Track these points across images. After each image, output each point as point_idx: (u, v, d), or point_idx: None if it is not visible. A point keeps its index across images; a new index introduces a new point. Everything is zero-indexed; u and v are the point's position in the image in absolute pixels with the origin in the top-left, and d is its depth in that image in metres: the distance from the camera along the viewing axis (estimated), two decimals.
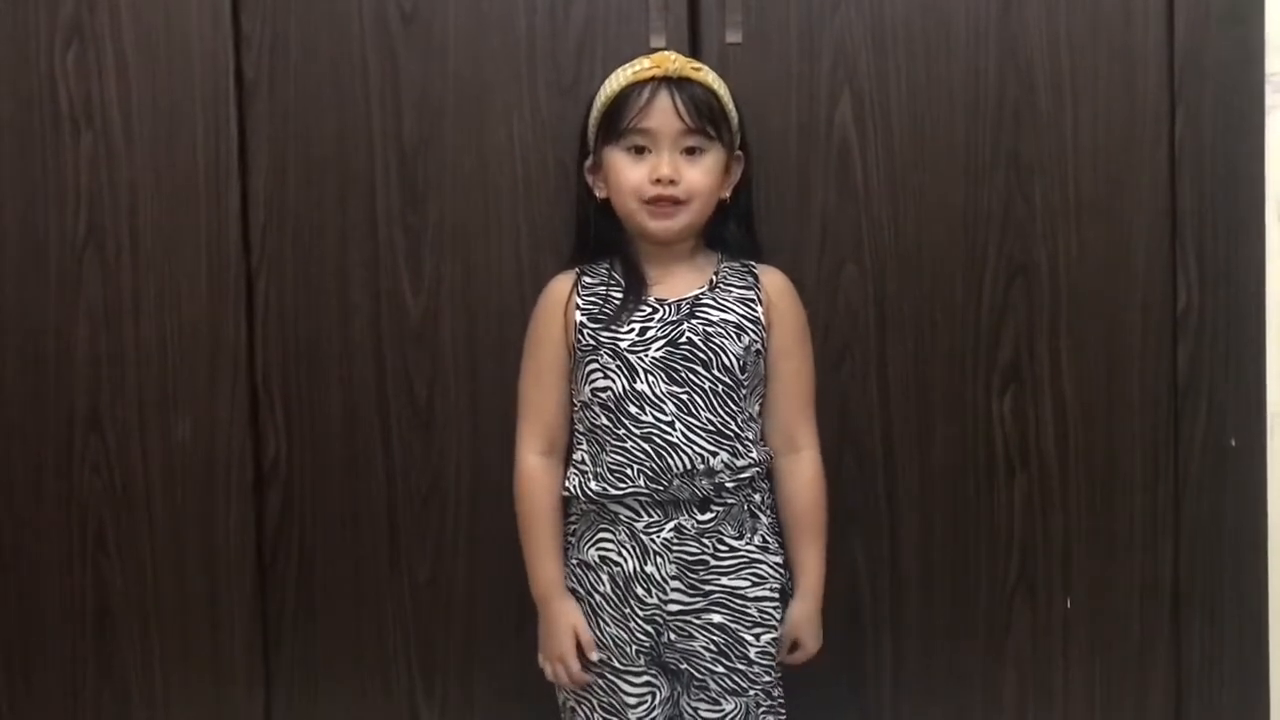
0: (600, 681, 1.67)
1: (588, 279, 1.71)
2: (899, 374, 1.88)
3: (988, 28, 1.85)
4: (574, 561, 1.69)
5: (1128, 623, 1.90)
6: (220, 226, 1.90)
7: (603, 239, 1.73)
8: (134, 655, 1.93)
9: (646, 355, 1.65)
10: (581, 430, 1.69)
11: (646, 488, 1.63)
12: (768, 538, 1.70)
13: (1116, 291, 1.87)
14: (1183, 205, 1.85)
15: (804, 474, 1.72)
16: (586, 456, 1.68)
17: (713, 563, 1.65)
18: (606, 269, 1.72)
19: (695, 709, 1.68)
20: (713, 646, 1.66)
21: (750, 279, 1.72)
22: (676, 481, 1.63)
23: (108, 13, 1.89)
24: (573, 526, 1.70)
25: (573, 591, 1.68)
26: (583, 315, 1.68)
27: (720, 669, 1.66)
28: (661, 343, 1.65)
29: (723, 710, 1.67)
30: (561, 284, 1.72)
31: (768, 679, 1.68)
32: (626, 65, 1.68)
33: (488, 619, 1.92)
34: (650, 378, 1.64)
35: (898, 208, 1.87)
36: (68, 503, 1.92)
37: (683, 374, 1.65)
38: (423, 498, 1.91)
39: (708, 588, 1.65)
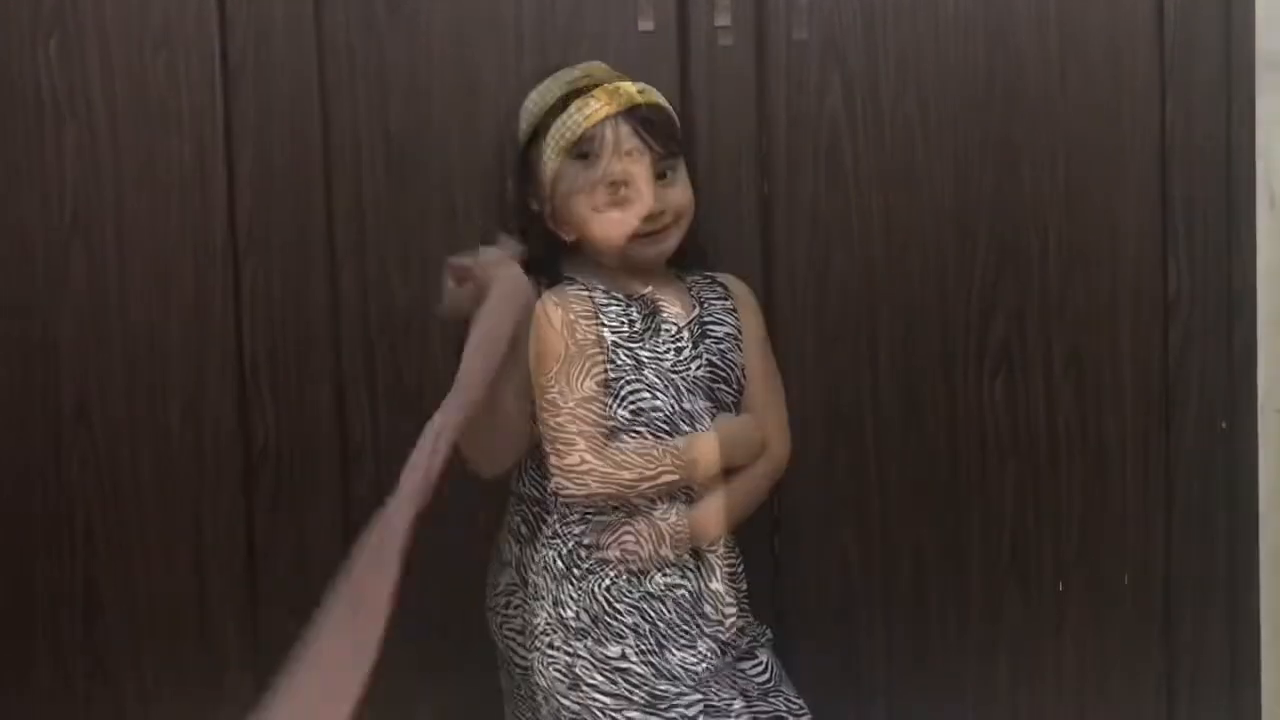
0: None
1: (600, 298, 1.60)
2: (889, 360, 1.87)
3: (977, 12, 1.84)
4: (636, 595, 1.59)
5: (1119, 606, 1.90)
6: (207, 215, 1.89)
7: (553, 255, 1.62)
8: (125, 647, 1.94)
9: (688, 375, 1.62)
10: None
11: None
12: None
13: (1107, 276, 1.86)
14: (1173, 189, 1.85)
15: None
16: None
17: (740, 569, 1.65)
18: (604, 290, 1.60)
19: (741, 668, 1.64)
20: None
21: (720, 289, 1.68)
22: None
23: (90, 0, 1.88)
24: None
25: (634, 628, 1.58)
26: (614, 335, 1.59)
27: None
28: (699, 363, 1.63)
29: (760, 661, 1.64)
30: (569, 303, 1.57)
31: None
32: (563, 85, 1.58)
33: (484, 612, 1.91)
34: (692, 397, 1.62)
35: (887, 193, 1.86)
36: (56, 495, 1.92)
37: (716, 392, 1.63)
38: None
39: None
